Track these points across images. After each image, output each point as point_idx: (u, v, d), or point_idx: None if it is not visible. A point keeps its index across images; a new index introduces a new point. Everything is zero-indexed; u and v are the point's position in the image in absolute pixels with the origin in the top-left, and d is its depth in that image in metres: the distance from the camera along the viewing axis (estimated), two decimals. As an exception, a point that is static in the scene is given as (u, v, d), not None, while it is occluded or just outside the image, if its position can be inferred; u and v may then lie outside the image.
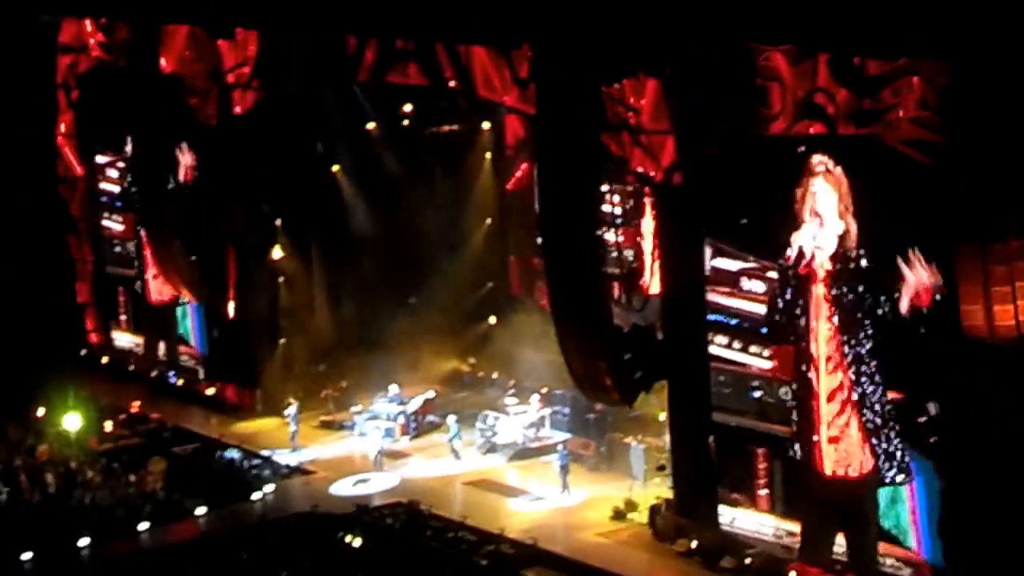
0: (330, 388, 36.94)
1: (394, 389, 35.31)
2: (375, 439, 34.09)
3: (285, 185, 36.67)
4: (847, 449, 25.17)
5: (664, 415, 29.54)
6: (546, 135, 28.65)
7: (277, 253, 37.21)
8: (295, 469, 33.66)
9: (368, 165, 37.76)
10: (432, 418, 35.03)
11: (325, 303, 37.99)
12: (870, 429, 24.95)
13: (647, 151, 28.44)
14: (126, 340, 41.31)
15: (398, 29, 32.38)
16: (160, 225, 38.06)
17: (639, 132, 28.39)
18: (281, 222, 37.10)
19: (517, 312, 35.68)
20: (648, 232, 32.08)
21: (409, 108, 37.22)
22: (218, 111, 36.56)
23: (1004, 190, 22.83)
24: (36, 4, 38.82)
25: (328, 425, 36.01)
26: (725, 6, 25.68)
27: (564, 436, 33.19)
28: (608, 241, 31.96)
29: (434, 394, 35.75)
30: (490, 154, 37.39)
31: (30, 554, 29.25)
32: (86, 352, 41.50)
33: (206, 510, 31.23)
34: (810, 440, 25.49)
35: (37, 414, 36.21)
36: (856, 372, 25.01)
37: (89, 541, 29.74)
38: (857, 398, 24.99)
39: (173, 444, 35.07)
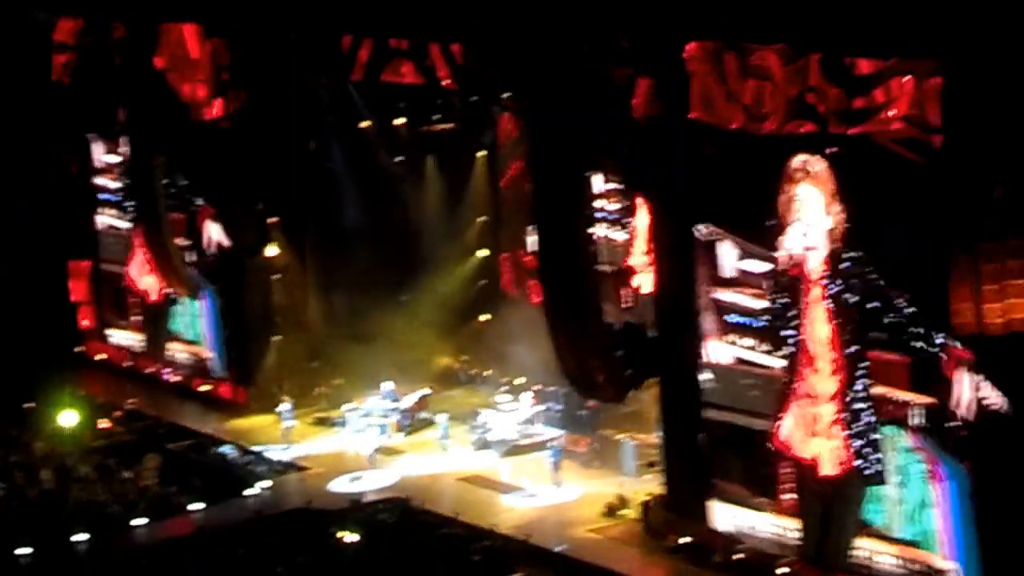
0: (324, 385, 37.09)
1: (388, 386, 35.43)
2: (370, 436, 34.24)
3: (279, 183, 36.76)
4: (836, 449, 25.27)
5: (655, 411, 29.70)
6: (538, 134, 28.88)
7: (271, 251, 37.34)
8: (289, 465, 33.79)
9: (362, 163, 37.87)
10: (426, 415, 35.14)
11: (319, 301, 38.06)
12: (860, 430, 25.01)
13: (639, 148, 28.51)
14: (121, 337, 41.38)
15: (393, 28, 32.49)
16: (154, 223, 38.16)
17: (631, 129, 28.51)
18: (275, 220, 37.23)
19: (510, 309, 35.76)
20: (641, 230, 32.24)
21: (403, 107, 37.35)
22: (212, 109, 36.63)
23: (995, 189, 22.97)
24: (30, 2, 38.89)
25: (322, 422, 36.10)
26: (718, 5, 25.83)
27: (556, 433, 33.32)
28: (601, 238, 32.11)
29: (428, 391, 35.90)
30: (483, 152, 37.53)
31: (27, 549, 29.33)
32: (81, 349, 41.58)
33: (201, 506, 31.37)
34: (800, 438, 25.58)
35: (32, 411, 36.36)
36: (851, 373, 25.02)
37: (85, 537, 29.84)
38: (850, 399, 25.00)
39: (168, 440, 35.13)
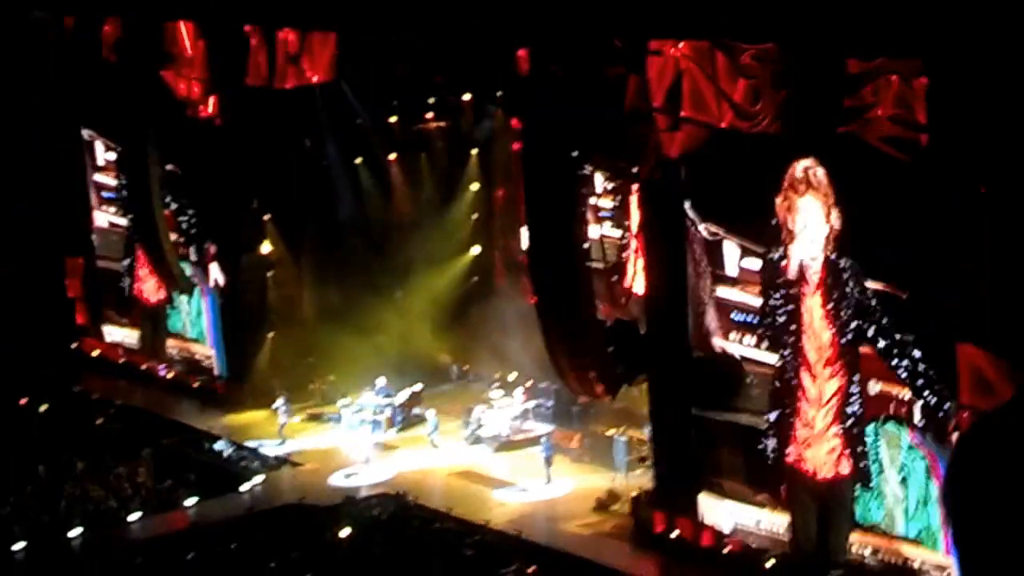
0: (318, 381, 37.25)
1: (381, 382, 35.56)
2: (364, 432, 34.42)
3: (274, 181, 36.92)
4: (831, 450, 25.40)
5: (646, 408, 29.89)
6: (530, 132, 29.06)
7: (266, 248, 37.50)
8: (283, 461, 33.96)
9: (355, 161, 38.06)
10: (419, 411, 35.31)
11: (313, 297, 38.23)
12: (856, 431, 25.14)
13: (631, 147, 28.70)
14: (117, 334, 41.51)
15: (388, 27, 32.61)
16: (149, 220, 38.31)
17: (623, 129, 28.67)
18: (270, 217, 37.40)
19: (503, 306, 35.90)
20: (633, 227, 32.40)
21: (397, 104, 37.52)
22: (208, 107, 36.76)
23: (981, 187, 23.14)
24: (29, 1, 39.01)
25: (316, 418, 36.29)
26: (708, 5, 26.00)
27: (548, 428, 33.52)
28: (593, 236, 32.26)
29: (421, 387, 36.07)
30: (476, 150, 37.70)
31: (22, 544, 29.50)
32: (76, 345, 41.72)
33: (195, 501, 31.54)
34: (796, 442, 25.69)
35: (28, 407, 36.52)
36: (848, 376, 25.11)
37: (79, 532, 30.02)
38: (847, 400, 25.09)
39: (162, 436, 35.25)
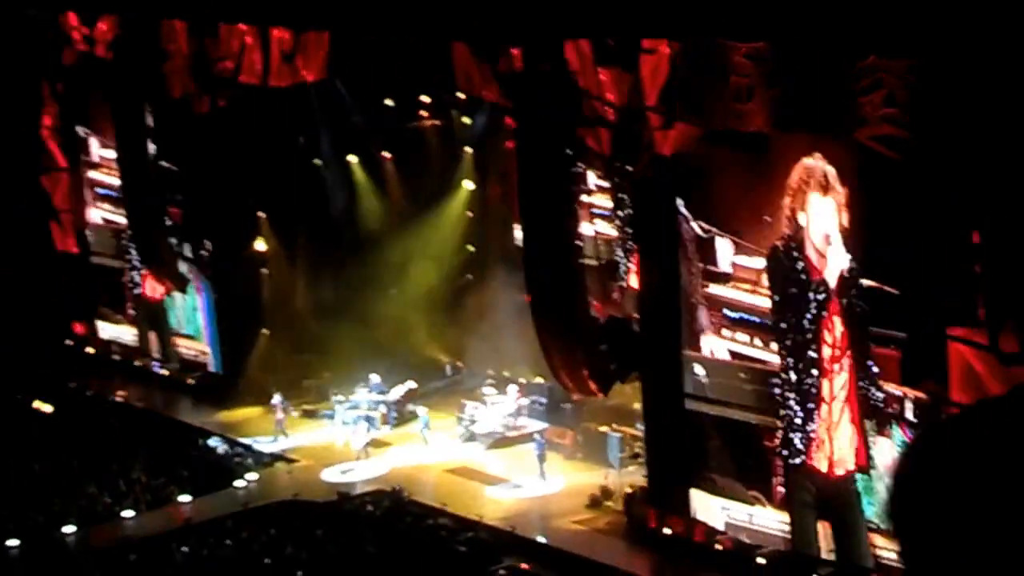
0: (312, 378, 37.36)
1: (375, 379, 35.68)
2: (357, 429, 34.54)
3: (268, 178, 37.01)
4: (845, 448, 25.39)
5: (639, 404, 30.02)
6: (524, 130, 29.15)
7: (260, 245, 37.59)
8: (277, 457, 34.06)
9: (349, 159, 38.15)
10: (413, 407, 35.42)
11: (306, 294, 38.33)
12: (865, 429, 25.11)
13: (623, 146, 28.83)
14: (112, 330, 41.56)
15: (381, 24, 32.70)
16: (144, 217, 38.38)
17: (616, 127, 28.79)
18: (264, 215, 37.50)
19: (496, 303, 35.97)
20: (627, 225, 32.45)
21: (390, 102, 37.61)
22: (202, 104, 36.84)
23: (970, 186, 23.29)
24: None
25: (310, 414, 36.39)
26: (700, 3, 26.11)
27: (541, 425, 33.64)
28: (586, 233, 32.38)
29: (415, 384, 36.17)
30: (470, 148, 37.79)
31: (15, 541, 29.60)
32: (71, 343, 41.78)
33: (189, 498, 31.62)
34: (811, 440, 25.68)
35: (24, 403, 36.60)
36: (861, 374, 25.01)
37: (74, 529, 30.09)
38: (859, 399, 25.04)
39: (156, 433, 35.34)
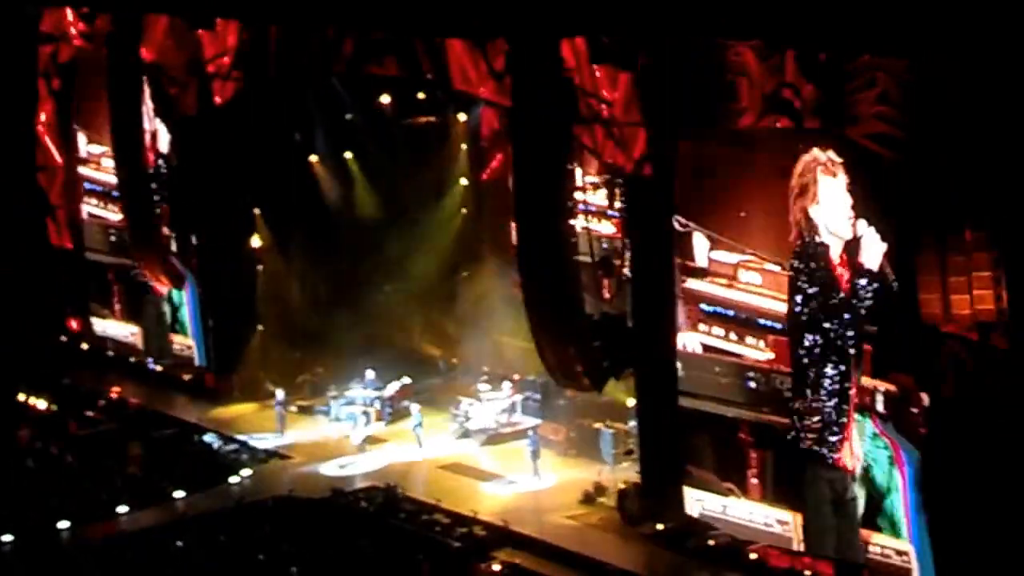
0: (307, 374, 37.39)
1: (370, 375, 35.73)
2: (355, 424, 34.55)
3: (264, 175, 37.02)
4: (846, 439, 25.38)
5: (632, 401, 30.10)
6: (520, 127, 29.22)
7: (256, 242, 37.62)
8: (272, 453, 34.08)
9: (345, 155, 38.18)
10: (407, 404, 35.40)
11: (302, 291, 38.35)
12: (857, 421, 25.16)
13: (618, 143, 28.93)
14: (106, 326, 41.57)
15: (377, 21, 32.75)
16: (140, 214, 38.39)
17: (611, 124, 28.88)
18: (259, 211, 37.52)
19: (491, 300, 36.02)
20: (620, 222, 32.54)
21: (387, 99, 37.63)
22: (198, 101, 36.87)
23: (962, 183, 23.34)
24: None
25: (305, 410, 36.43)
26: (695, 2, 26.18)
27: (535, 421, 33.68)
28: (583, 229, 32.41)
29: (409, 380, 36.20)
30: (465, 145, 37.82)
31: (10, 537, 29.56)
32: (66, 339, 41.76)
33: (184, 494, 31.63)
34: (816, 433, 25.65)
35: (18, 399, 36.62)
36: (857, 365, 25.08)
37: (69, 524, 30.08)
38: (856, 390, 25.10)
39: (151, 429, 35.38)
